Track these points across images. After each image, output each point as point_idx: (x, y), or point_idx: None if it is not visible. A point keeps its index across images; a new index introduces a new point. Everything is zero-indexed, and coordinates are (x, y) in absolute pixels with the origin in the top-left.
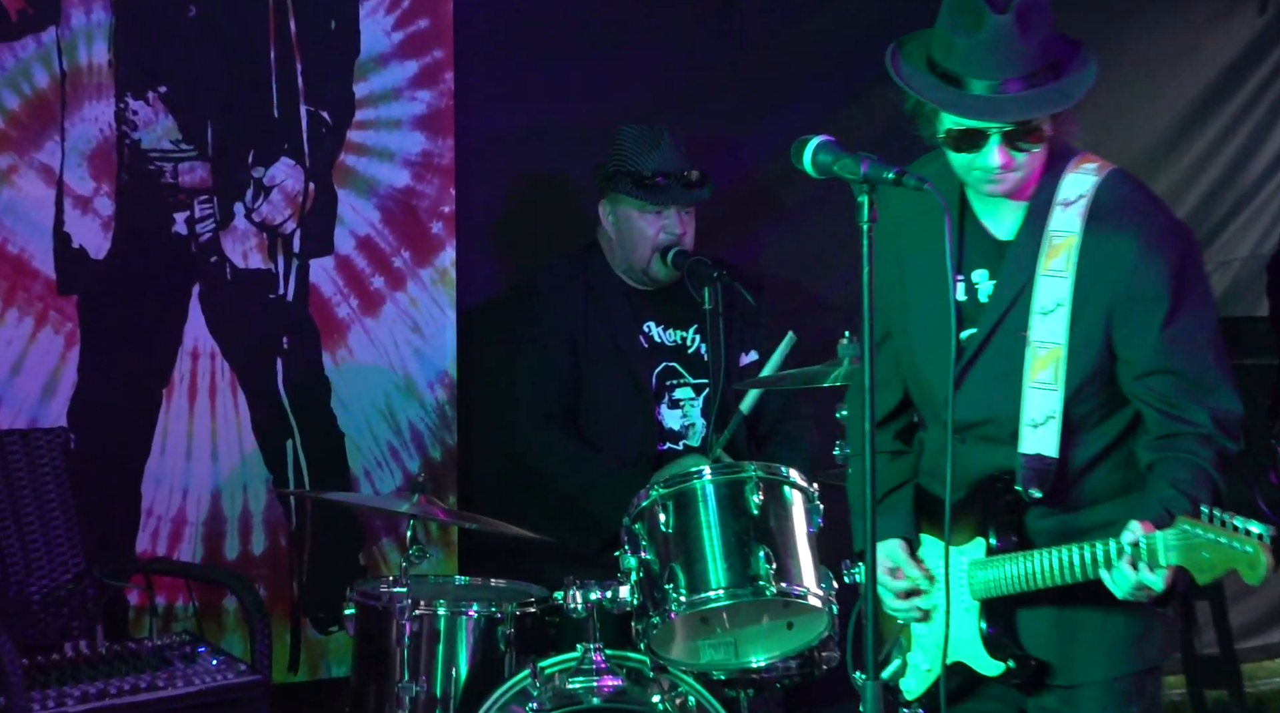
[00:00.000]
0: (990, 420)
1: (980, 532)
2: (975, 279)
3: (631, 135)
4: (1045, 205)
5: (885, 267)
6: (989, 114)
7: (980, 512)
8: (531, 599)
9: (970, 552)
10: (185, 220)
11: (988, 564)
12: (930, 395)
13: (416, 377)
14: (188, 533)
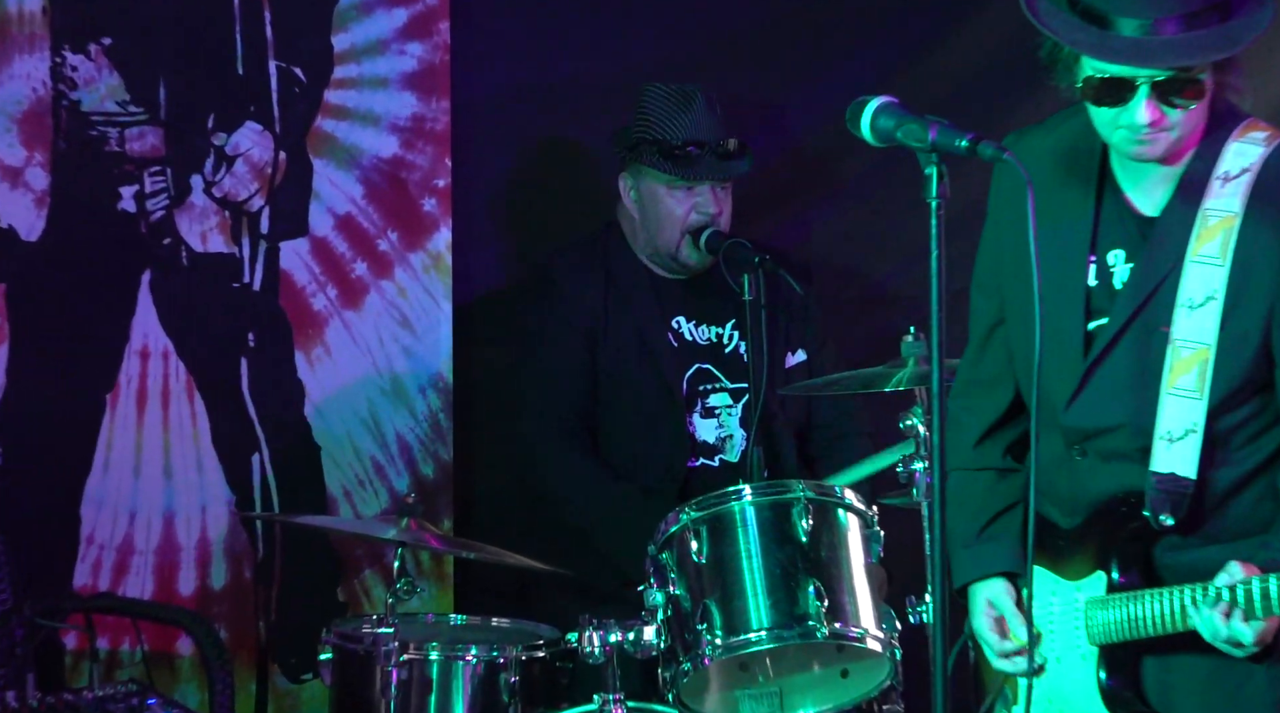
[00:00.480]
0: (1116, 430)
1: (1100, 565)
2: (1111, 261)
3: (658, 97)
4: (1202, 178)
5: (1006, 237)
6: (1137, 59)
7: (1100, 541)
8: (540, 642)
9: (1088, 588)
10: (133, 196)
11: (1108, 604)
12: (1045, 397)
13: (406, 380)
14: (135, 564)
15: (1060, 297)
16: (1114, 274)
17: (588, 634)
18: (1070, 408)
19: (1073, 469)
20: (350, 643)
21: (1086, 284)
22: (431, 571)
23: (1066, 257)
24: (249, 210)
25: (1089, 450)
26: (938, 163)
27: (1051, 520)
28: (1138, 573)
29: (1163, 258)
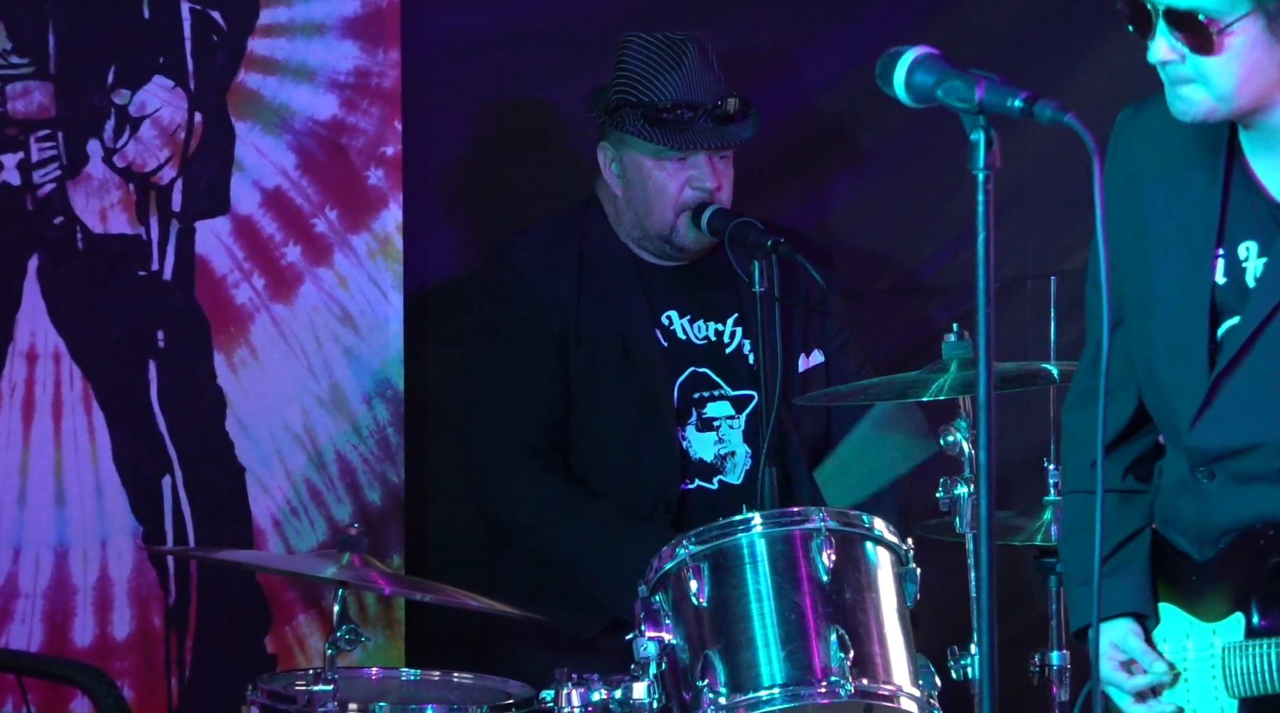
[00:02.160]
0: (1253, 450)
1: (1238, 605)
2: (1242, 254)
3: (641, 50)
4: None
5: (1123, 222)
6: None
7: (1239, 577)
8: (509, 701)
9: (1225, 631)
10: (17, 165)
11: (1247, 650)
12: (1168, 411)
13: (348, 387)
14: (20, 609)
15: (1184, 296)
16: (1246, 269)
17: (565, 692)
18: (1196, 425)
19: (1199, 494)
20: (281, 703)
21: (1214, 281)
22: (379, 616)
23: (1191, 249)
24: (157, 183)
25: (1218, 473)
26: (986, 127)
27: (1182, 550)
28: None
29: None
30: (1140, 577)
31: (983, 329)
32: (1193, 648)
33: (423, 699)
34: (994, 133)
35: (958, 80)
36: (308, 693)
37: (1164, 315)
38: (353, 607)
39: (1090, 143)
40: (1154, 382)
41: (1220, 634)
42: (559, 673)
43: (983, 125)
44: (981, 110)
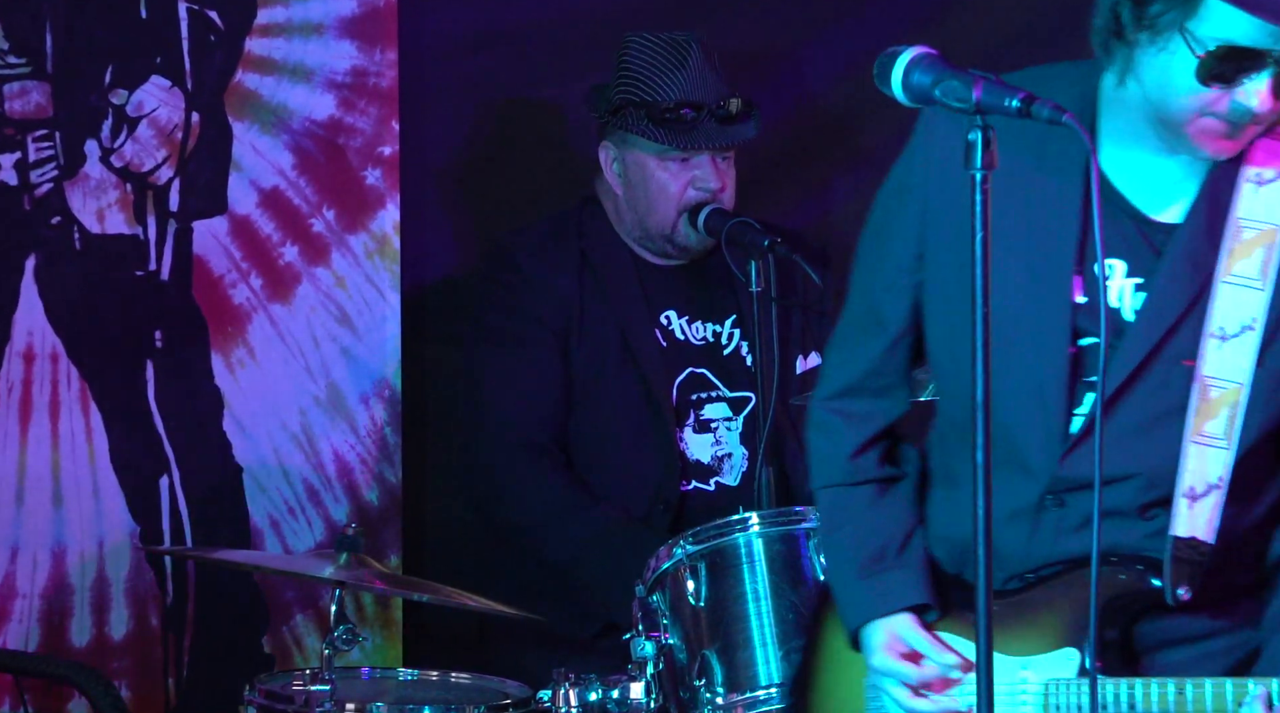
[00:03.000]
0: (1126, 480)
1: (1070, 640)
2: (1104, 273)
3: (645, 50)
4: (1229, 180)
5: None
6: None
7: (1070, 612)
8: (506, 701)
9: (1045, 666)
10: (15, 165)
11: (1079, 689)
12: (1018, 435)
13: (345, 388)
14: (18, 609)
15: (1040, 315)
16: (1109, 290)
17: (563, 692)
18: (1072, 454)
19: (1037, 524)
20: (279, 703)
21: (1072, 301)
22: (376, 616)
23: (1048, 266)
24: (155, 183)
25: (1070, 502)
26: (983, 127)
27: (963, 578)
28: (1116, 653)
29: (1188, 277)
30: (920, 569)
31: (981, 329)
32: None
33: (420, 700)
34: (992, 133)
35: (955, 80)
36: (305, 693)
37: (1013, 334)
38: (350, 607)
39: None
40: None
41: (1038, 669)
42: (556, 673)
43: (980, 125)
44: (979, 110)
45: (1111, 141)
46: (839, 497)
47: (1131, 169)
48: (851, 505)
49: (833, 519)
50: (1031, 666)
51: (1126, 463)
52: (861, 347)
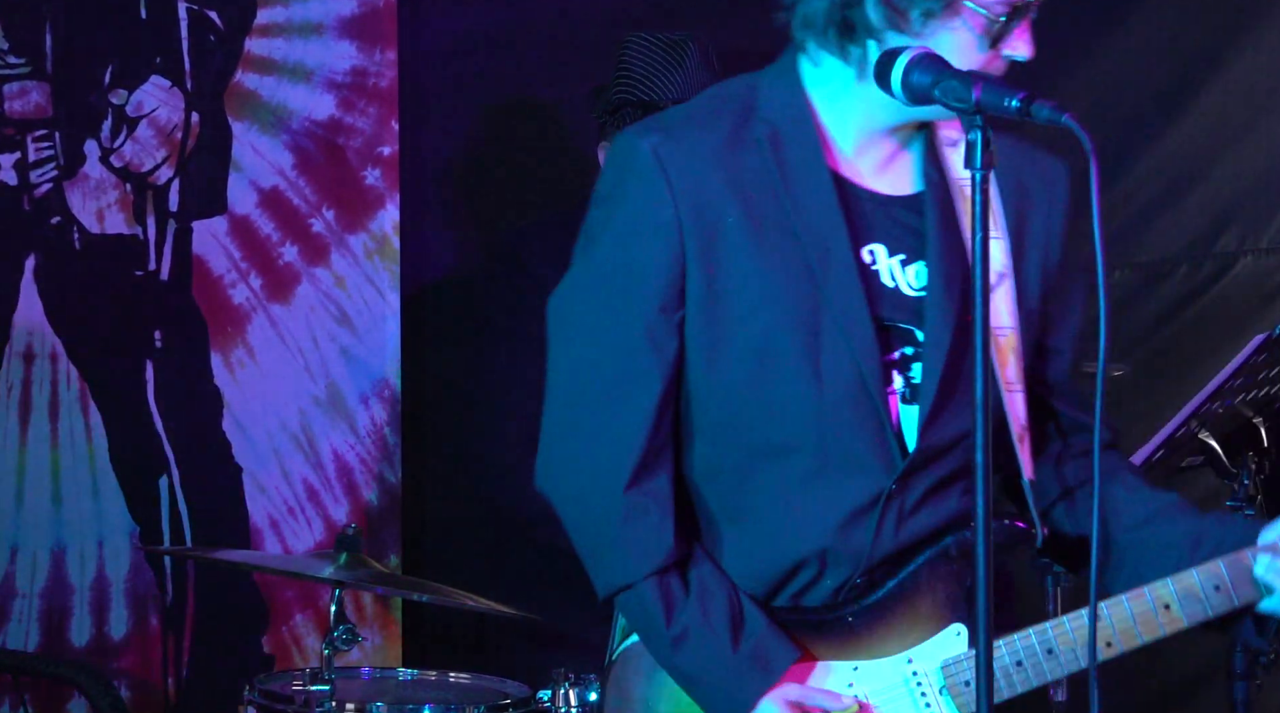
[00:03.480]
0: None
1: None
2: (868, 258)
3: (643, 50)
4: (934, 147)
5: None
6: None
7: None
8: (506, 701)
9: (936, 650)
10: (14, 165)
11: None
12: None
13: (345, 388)
14: (17, 609)
15: (838, 312)
16: (879, 272)
17: (563, 691)
18: (930, 429)
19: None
20: (278, 703)
21: (864, 289)
22: (376, 616)
23: (830, 260)
24: (155, 183)
25: (909, 484)
26: (983, 127)
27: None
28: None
29: (953, 240)
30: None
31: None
32: (870, 691)
33: (420, 699)
34: (991, 133)
35: (955, 80)
36: (305, 693)
37: (814, 338)
38: (350, 607)
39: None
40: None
41: (923, 659)
42: (556, 673)
43: (979, 125)
44: (978, 110)
45: (837, 135)
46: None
47: (856, 154)
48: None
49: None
50: (918, 656)
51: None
52: (629, 410)
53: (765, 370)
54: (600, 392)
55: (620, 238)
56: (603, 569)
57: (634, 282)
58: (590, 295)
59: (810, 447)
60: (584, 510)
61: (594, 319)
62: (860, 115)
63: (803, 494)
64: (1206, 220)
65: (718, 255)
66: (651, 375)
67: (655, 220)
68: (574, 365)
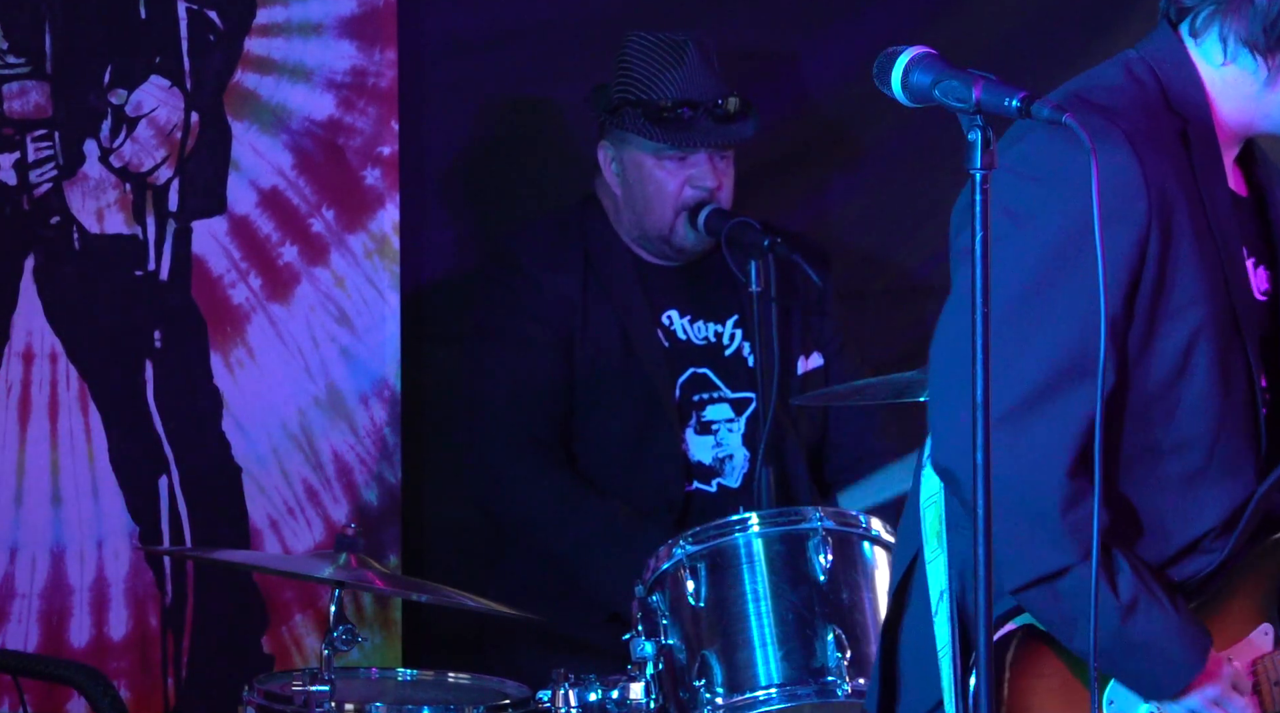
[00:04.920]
0: None
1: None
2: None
3: (643, 49)
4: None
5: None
6: None
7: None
8: (505, 701)
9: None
10: (14, 165)
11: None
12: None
13: (345, 388)
14: (17, 609)
15: (1244, 317)
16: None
17: (562, 692)
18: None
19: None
20: (278, 704)
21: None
22: (375, 616)
23: (1233, 263)
24: (154, 183)
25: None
26: (983, 127)
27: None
28: None
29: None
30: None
31: (980, 329)
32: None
33: (419, 700)
34: (991, 133)
35: (955, 80)
36: (304, 693)
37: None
38: (349, 607)
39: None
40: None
41: (1237, 657)
42: (556, 673)
43: (980, 125)
44: (979, 110)
45: (1223, 137)
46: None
47: (1227, 155)
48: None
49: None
50: (1236, 654)
51: None
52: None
53: (1185, 371)
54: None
55: (1084, 223)
56: (1034, 557)
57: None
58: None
59: (1205, 446)
60: (1023, 496)
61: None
62: (1250, 120)
63: (1190, 490)
64: None
65: (1170, 252)
66: (1109, 364)
67: (1127, 211)
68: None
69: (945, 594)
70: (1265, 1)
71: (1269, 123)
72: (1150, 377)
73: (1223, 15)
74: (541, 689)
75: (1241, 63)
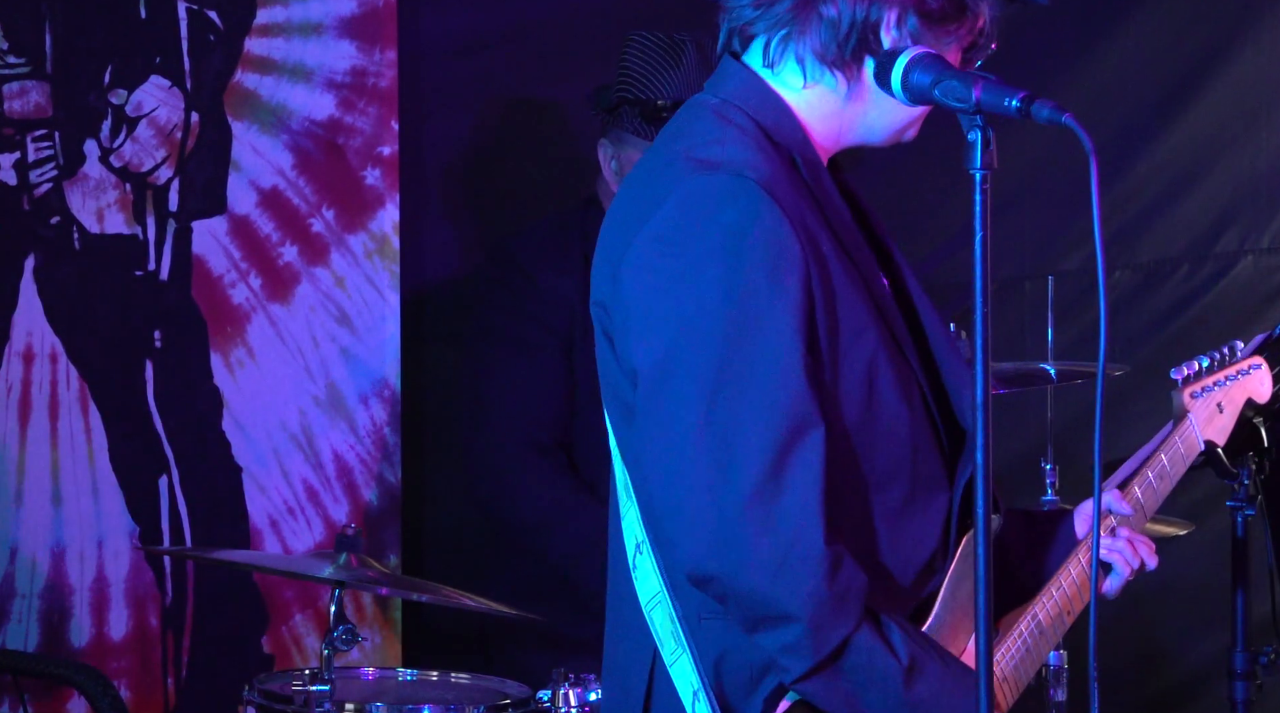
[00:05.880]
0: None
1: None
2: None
3: (642, 49)
4: None
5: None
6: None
7: None
8: (506, 701)
9: None
10: (14, 165)
11: None
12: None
13: (345, 388)
14: (17, 609)
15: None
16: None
17: (563, 692)
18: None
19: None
20: (277, 704)
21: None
22: (375, 616)
23: (873, 283)
24: (154, 183)
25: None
26: (983, 127)
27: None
28: None
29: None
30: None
31: (980, 329)
32: None
33: (419, 699)
34: (991, 133)
35: (955, 80)
36: (304, 693)
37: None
38: (349, 607)
39: (1088, 143)
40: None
41: None
42: (556, 673)
43: (980, 125)
44: (979, 110)
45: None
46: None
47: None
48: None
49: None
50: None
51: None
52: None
53: (872, 400)
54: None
55: (742, 283)
56: (809, 643)
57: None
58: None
59: (907, 468)
60: (787, 577)
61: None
62: (837, 136)
63: (906, 516)
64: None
65: (827, 287)
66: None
67: (785, 258)
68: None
69: (699, 693)
70: (834, 13)
71: (854, 135)
72: (845, 414)
73: (796, 38)
74: (541, 689)
75: (823, 82)
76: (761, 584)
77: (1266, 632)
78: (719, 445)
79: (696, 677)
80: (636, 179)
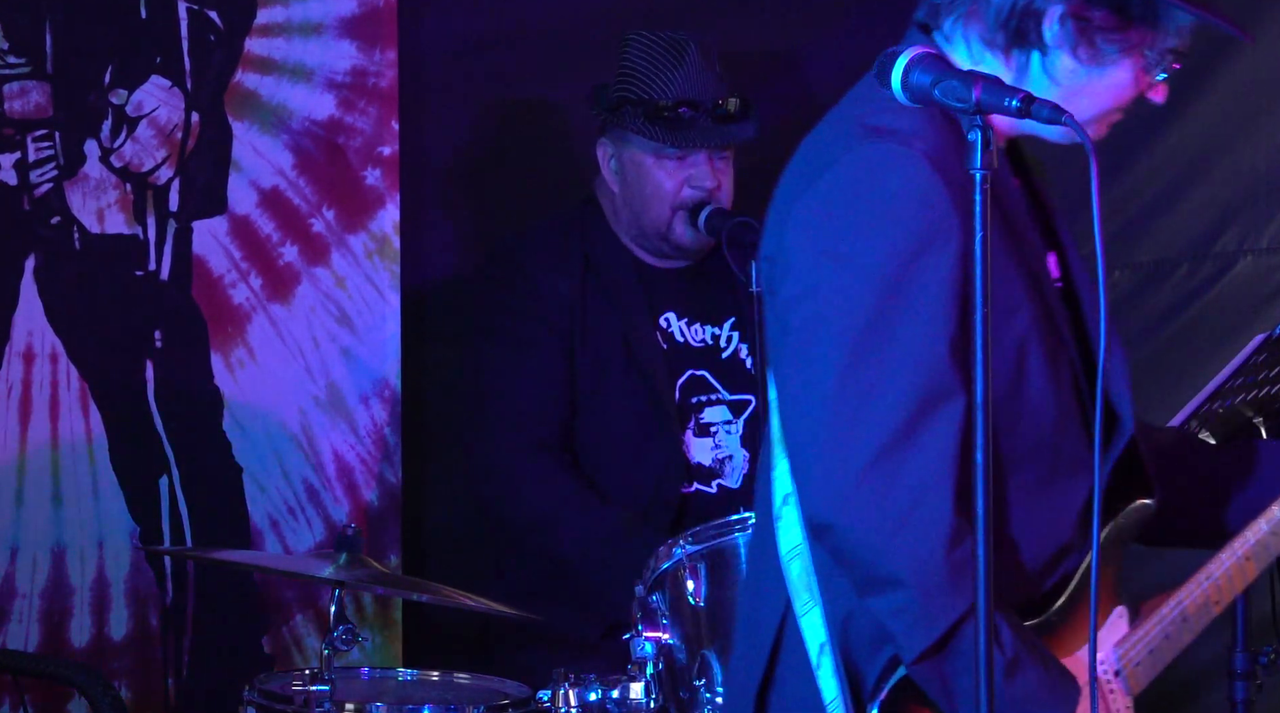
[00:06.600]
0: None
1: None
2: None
3: (643, 48)
4: None
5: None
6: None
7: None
8: (506, 701)
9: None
10: (14, 165)
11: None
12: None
13: (345, 388)
14: (17, 609)
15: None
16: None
17: (563, 692)
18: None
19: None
20: (278, 703)
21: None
22: (376, 616)
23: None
24: (155, 183)
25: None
26: (983, 127)
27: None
28: None
29: None
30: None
31: (980, 329)
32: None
33: (420, 699)
34: (991, 133)
35: (955, 80)
36: (304, 693)
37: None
38: (350, 607)
39: (1087, 143)
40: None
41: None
42: (556, 673)
43: (980, 125)
44: (979, 110)
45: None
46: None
47: None
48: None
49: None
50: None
51: None
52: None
53: (1021, 377)
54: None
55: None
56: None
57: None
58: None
59: (1050, 446)
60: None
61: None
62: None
63: (1045, 494)
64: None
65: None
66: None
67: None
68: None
69: (826, 647)
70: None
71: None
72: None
73: (967, 18)
74: (541, 689)
75: (985, 63)
76: (875, 542)
77: (1266, 632)
78: (857, 401)
79: (825, 631)
80: (813, 141)
